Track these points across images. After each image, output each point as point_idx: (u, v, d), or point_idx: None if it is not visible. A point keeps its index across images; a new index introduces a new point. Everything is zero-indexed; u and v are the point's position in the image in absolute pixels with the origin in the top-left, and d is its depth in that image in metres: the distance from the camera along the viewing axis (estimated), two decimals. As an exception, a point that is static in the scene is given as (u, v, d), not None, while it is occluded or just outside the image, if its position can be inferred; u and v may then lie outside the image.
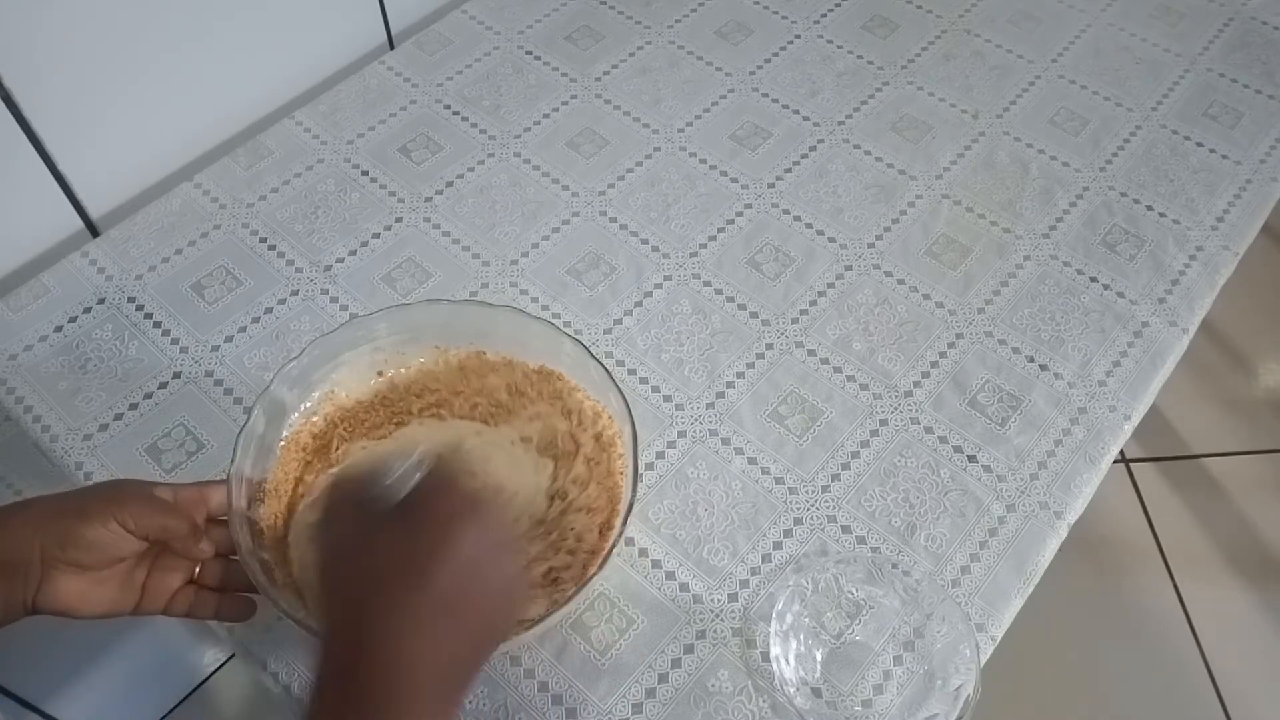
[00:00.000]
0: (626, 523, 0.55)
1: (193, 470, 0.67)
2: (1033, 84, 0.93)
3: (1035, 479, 0.67)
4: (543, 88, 0.91)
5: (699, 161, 0.86)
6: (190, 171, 0.83)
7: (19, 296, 0.75)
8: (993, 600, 0.62)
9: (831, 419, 0.70)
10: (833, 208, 0.83)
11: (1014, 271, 0.79)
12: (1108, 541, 1.40)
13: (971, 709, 0.56)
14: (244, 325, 0.74)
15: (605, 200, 0.83)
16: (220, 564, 0.55)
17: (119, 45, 0.74)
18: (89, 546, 0.48)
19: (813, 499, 0.66)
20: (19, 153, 0.72)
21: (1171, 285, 0.78)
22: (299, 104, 0.89)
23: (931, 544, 0.64)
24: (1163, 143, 0.88)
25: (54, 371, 0.71)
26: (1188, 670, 1.29)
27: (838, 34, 0.97)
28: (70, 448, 0.67)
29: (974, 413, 0.71)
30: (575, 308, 0.76)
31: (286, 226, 0.80)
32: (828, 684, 0.59)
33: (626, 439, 0.59)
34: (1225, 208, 0.83)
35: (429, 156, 0.85)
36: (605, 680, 0.59)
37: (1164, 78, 0.94)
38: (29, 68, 0.69)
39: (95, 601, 0.49)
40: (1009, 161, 0.87)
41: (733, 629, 0.61)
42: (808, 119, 0.89)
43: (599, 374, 0.60)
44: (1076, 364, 0.73)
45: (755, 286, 0.77)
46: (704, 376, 0.72)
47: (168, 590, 0.53)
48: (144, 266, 0.77)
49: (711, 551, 0.64)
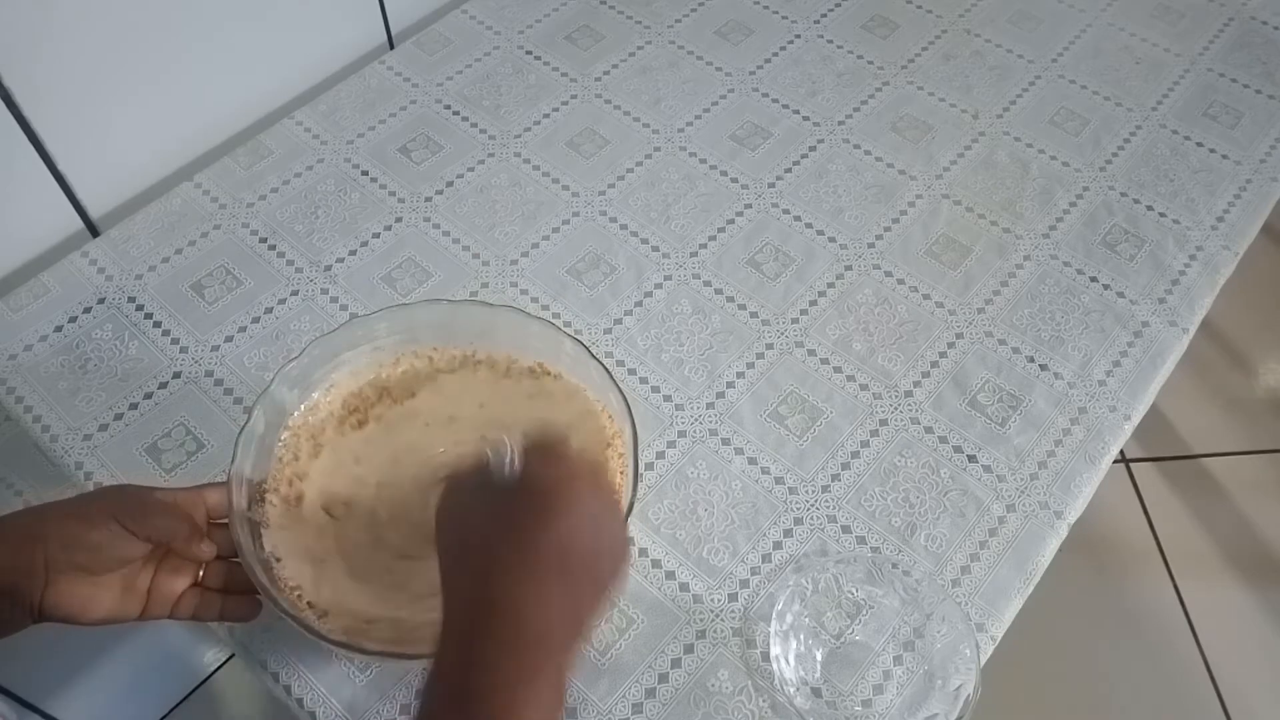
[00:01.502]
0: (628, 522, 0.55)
1: (193, 470, 0.67)
2: (1033, 84, 0.93)
3: (1035, 479, 0.67)
4: (543, 88, 0.91)
5: (699, 161, 0.86)
6: (190, 171, 0.83)
7: (19, 296, 0.75)
8: (993, 600, 0.62)
9: (831, 419, 0.70)
10: (833, 208, 0.83)
11: (1014, 271, 0.79)
12: (1108, 541, 1.40)
13: (971, 709, 0.56)
14: (244, 325, 0.74)
15: (605, 200, 0.83)
16: (223, 566, 0.55)
17: (119, 45, 0.74)
18: (93, 549, 0.48)
19: (813, 499, 0.66)
20: (19, 153, 0.72)
21: (1171, 285, 0.78)
22: (299, 104, 0.89)
23: (931, 544, 0.64)
24: (1163, 143, 0.88)
25: (54, 371, 0.71)
26: (1188, 670, 1.29)
27: (838, 34, 0.97)
28: (70, 448, 0.67)
29: (974, 413, 0.71)
30: (575, 308, 0.76)
31: (286, 226, 0.80)
32: (828, 684, 0.59)
33: (627, 438, 0.59)
34: (1225, 208, 0.83)
35: (429, 156, 0.85)
36: (605, 680, 0.59)
37: (1164, 78, 0.94)
38: (29, 68, 0.69)
39: (100, 606, 0.49)
40: (1009, 161, 0.87)
41: (733, 629, 0.61)
42: (808, 119, 0.89)
43: (599, 373, 0.60)
44: (1076, 364, 0.73)
45: (755, 286, 0.77)
46: (704, 376, 0.72)
47: (173, 594, 0.53)
48: (144, 266, 0.77)
49: (711, 551, 0.64)
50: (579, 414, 0.63)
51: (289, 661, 0.59)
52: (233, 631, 0.59)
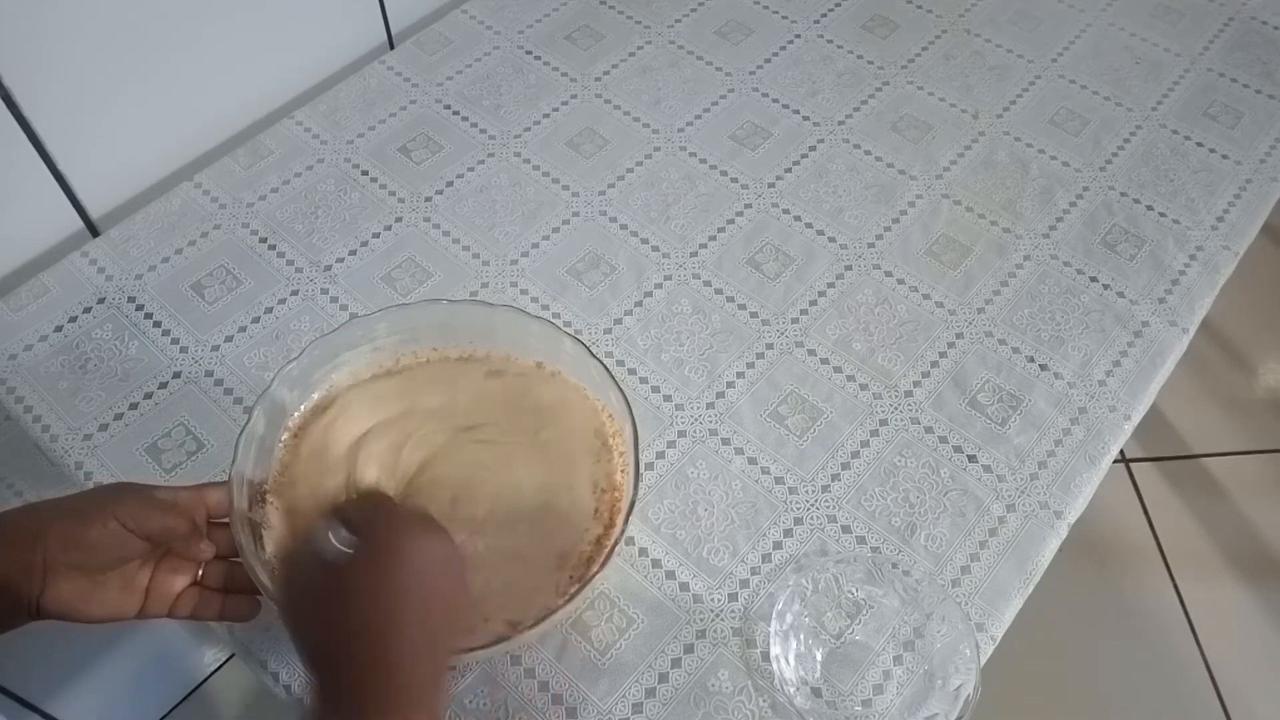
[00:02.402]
0: (628, 521, 0.55)
1: (193, 470, 0.67)
2: (1033, 84, 0.93)
3: (1035, 479, 0.67)
4: (543, 87, 0.91)
5: (699, 161, 0.86)
6: (190, 171, 0.83)
7: (19, 296, 0.75)
8: (993, 600, 0.62)
9: (831, 419, 0.70)
10: (833, 207, 0.83)
11: (1014, 271, 0.79)
12: (1108, 541, 1.40)
13: (971, 709, 0.56)
14: (244, 325, 0.74)
15: (605, 200, 0.83)
16: (223, 565, 0.55)
17: (119, 45, 0.74)
18: (91, 547, 0.48)
19: (813, 499, 0.66)
20: (19, 153, 0.72)
21: (1171, 285, 0.78)
22: (299, 104, 0.89)
23: (931, 544, 0.64)
24: (1163, 142, 0.88)
25: (54, 371, 0.71)
26: (1188, 670, 1.29)
27: (838, 34, 0.97)
28: (70, 447, 0.67)
29: (974, 412, 0.71)
30: (575, 307, 0.76)
31: (286, 226, 0.80)
32: (828, 684, 0.59)
33: (627, 437, 0.59)
34: (1225, 207, 0.83)
35: (429, 156, 0.85)
36: (605, 680, 0.59)
37: (1164, 77, 0.94)
38: (29, 67, 0.69)
39: (98, 604, 0.49)
40: (1009, 161, 0.87)
41: (733, 629, 0.61)
42: (808, 119, 0.89)
43: (599, 372, 0.60)
44: (1076, 364, 0.73)
45: (755, 286, 0.77)
46: (704, 376, 0.72)
47: (171, 593, 0.53)
48: (144, 266, 0.77)
49: (711, 551, 0.64)
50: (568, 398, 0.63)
51: (289, 661, 0.59)
52: (233, 631, 0.59)
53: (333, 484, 0.59)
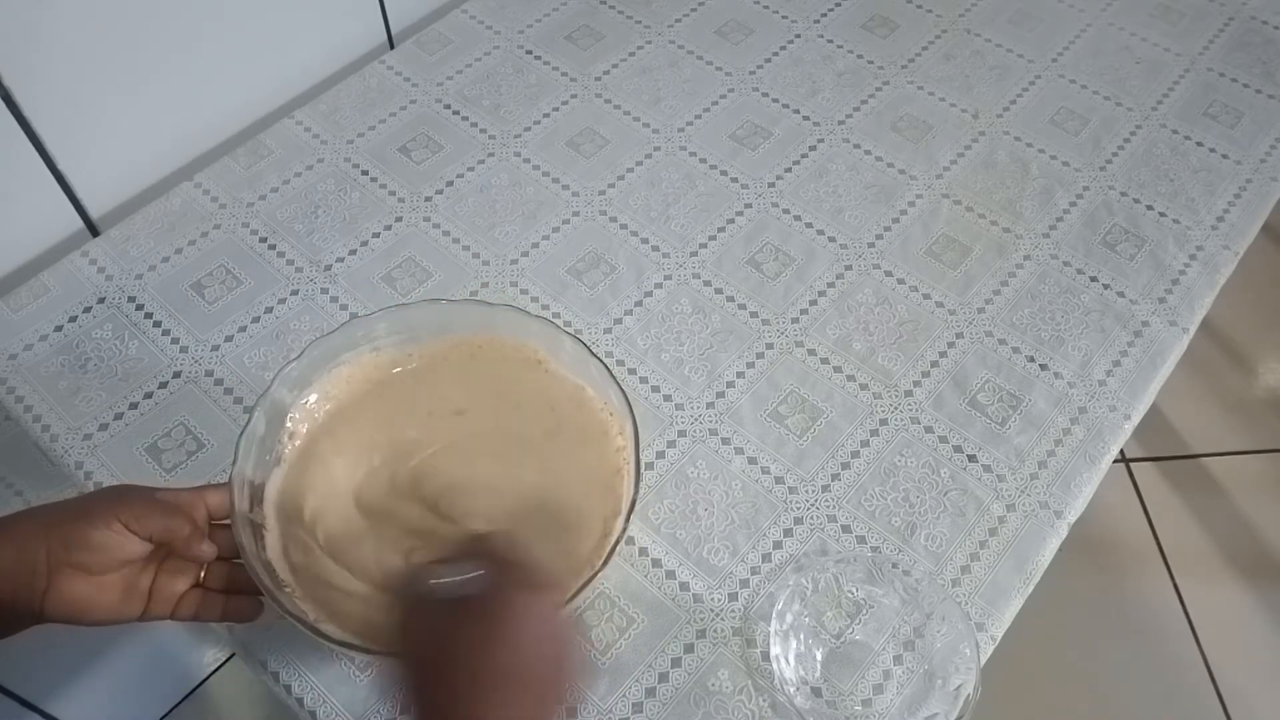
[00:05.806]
0: (629, 521, 0.55)
1: (193, 470, 0.67)
2: (1033, 84, 0.93)
3: (1035, 479, 0.67)
4: (543, 87, 0.91)
5: (699, 161, 0.86)
6: (190, 171, 0.83)
7: (19, 296, 0.75)
8: (993, 600, 0.62)
9: (831, 418, 0.70)
10: (833, 207, 0.83)
11: (1014, 271, 0.79)
12: (1108, 541, 1.40)
13: (971, 709, 0.56)
14: (244, 325, 0.74)
15: (605, 200, 0.83)
16: (225, 566, 0.55)
17: (119, 45, 0.74)
18: (94, 548, 0.48)
19: (813, 498, 0.66)
20: (19, 152, 0.72)
21: (1171, 285, 0.78)
22: (299, 104, 0.89)
23: (931, 543, 0.64)
24: (1163, 142, 0.88)
25: (54, 371, 0.71)
26: (1188, 670, 1.29)
27: (838, 33, 0.97)
28: (70, 447, 0.67)
29: (974, 412, 0.71)
30: (575, 307, 0.76)
31: (286, 226, 0.80)
32: (828, 683, 0.59)
33: (628, 437, 0.59)
34: (1225, 207, 0.83)
35: (429, 156, 0.85)
36: (605, 679, 0.59)
37: (1164, 77, 0.94)
38: (29, 67, 0.69)
39: (101, 606, 0.49)
40: (1009, 161, 0.87)
41: (733, 628, 0.61)
42: (808, 118, 0.89)
43: (599, 372, 0.60)
44: (1076, 364, 0.73)
45: (755, 286, 0.77)
46: (704, 376, 0.72)
47: (174, 594, 0.53)
48: (144, 266, 0.77)
49: (711, 551, 0.64)
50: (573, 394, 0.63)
51: (289, 661, 0.59)
52: (233, 631, 0.59)
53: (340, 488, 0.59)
